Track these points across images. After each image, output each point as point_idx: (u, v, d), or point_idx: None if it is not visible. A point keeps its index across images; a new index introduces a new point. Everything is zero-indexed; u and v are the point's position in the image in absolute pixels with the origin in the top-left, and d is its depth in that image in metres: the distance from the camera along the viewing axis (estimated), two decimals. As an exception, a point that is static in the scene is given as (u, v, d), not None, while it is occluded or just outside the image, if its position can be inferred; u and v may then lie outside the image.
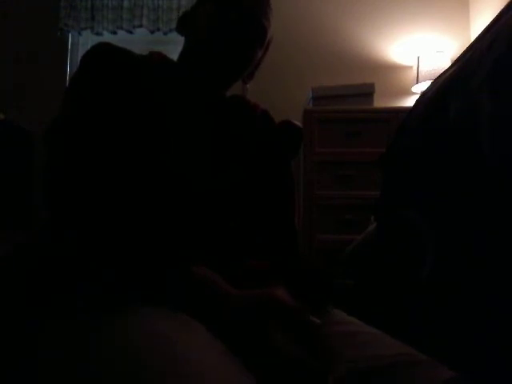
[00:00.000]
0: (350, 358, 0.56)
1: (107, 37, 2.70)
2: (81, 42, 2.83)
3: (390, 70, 2.69)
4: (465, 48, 0.81)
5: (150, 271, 0.55)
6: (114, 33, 2.72)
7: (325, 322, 0.62)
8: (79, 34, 2.77)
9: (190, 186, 0.68)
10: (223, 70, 0.76)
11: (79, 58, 0.73)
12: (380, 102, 2.40)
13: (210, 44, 0.74)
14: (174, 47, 0.83)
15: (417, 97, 0.98)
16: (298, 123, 1.14)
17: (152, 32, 2.69)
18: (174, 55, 0.83)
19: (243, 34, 0.74)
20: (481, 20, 2.56)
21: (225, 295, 0.55)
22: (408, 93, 2.63)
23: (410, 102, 2.60)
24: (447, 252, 0.71)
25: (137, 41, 2.69)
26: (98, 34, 2.71)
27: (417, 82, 2.52)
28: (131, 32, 2.71)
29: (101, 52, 0.71)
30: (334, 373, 0.48)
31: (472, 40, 0.78)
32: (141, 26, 2.68)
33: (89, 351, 0.48)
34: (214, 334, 0.50)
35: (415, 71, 2.55)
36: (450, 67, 0.85)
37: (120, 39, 2.68)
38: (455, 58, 0.86)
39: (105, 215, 0.59)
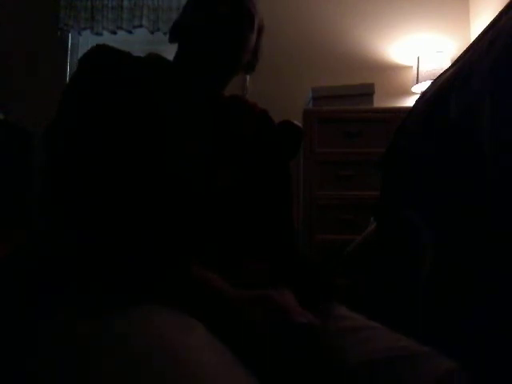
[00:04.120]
0: (352, 353, 0.56)
1: (107, 37, 2.70)
2: (81, 42, 2.82)
3: (389, 70, 2.68)
4: (465, 48, 0.81)
5: (150, 271, 0.55)
6: (114, 33, 2.72)
7: (326, 318, 0.63)
8: (79, 34, 2.76)
9: (190, 186, 0.68)
10: (218, 65, 0.76)
11: (79, 58, 0.73)
12: (380, 102, 2.40)
13: (202, 44, 0.75)
14: (174, 47, 0.83)
15: (417, 97, 0.98)
16: (299, 123, 1.14)
17: (152, 32, 2.68)
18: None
19: (232, 29, 0.75)
20: (481, 20, 2.55)
21: (224, 295, 0.55)
22: (408, 93, 2.63)
23: (410, 102, 2.59)
24: (446, 252, 0.71)
25: (137, 41, 2.69)
26: (97, 34, 2.71)
27: (417, 82, 2.52)
28: (131, 32, 2.70)
29: (99, 54, 0.71)
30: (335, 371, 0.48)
31: (472, 40, 0.78)
32: (141, 26, 2.68)
33: (89, 351, 0.48)
34: (213, 334, 0.50)
35: (415, 71, 2.55)
36: (449, 67, 0.85)
37: (120, 39, 2.68)
38: (455, 58, 0.86)
39: (105, 216, 0.59)
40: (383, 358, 0.55)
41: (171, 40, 0.82)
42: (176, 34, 0.82)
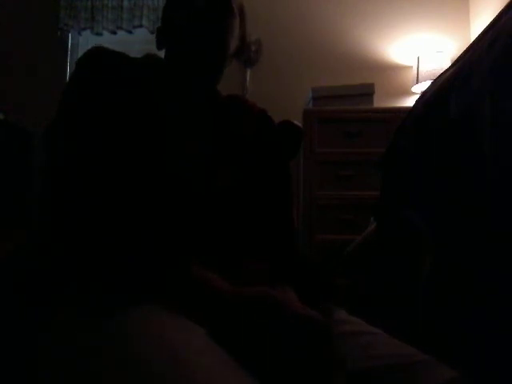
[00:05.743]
0: (352, 358, 0.56)
1: (107, 37, 2.70)
2: (81, 42, 2.83)
3: (389, 70, 2.68)
4: (465, 48, 0.81)
5: (150, 271, 0.55)
6: (114, 33, 2.72)
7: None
8: (79, 34, 2.77)
9: (190, 186, 0.68)
10: (207, 60, 0.76)
11: (77, 60, 0.73)
12: (380, 102, 2.40)
13: (185, 44, 0.75)
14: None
15: (417, 97, 0.98)
16: (299, 123, 1.14)
17: (152, 32, 2.68)
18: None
19: (212, 24, 0.74)
20: (481, 20, 2.55)
21: (224, 295, 0.55)
22: (408, 93, 2.63)
23: (409, 102, 2.59)
24: (446, 252, 0.71)
25: (137, 41, 2.69)
26: (97, 34, 2.71)
27: (417, 82, 2.52)
28: (131, 32, 2.70)
29: (98, 54, 0.72)
30: (335, 375, 0.48)
31: (472, 40, 0.78)
32: (141, 26, 2.68)
33: (89, 351, 0.48)
34: (212, 335, 0.50)
35: (415, 71, 2.55)
36: (449, 67, 0.85)
37: (120, 39, 2.68)
38: (455, 58, 0.86)
39: (105, 216, 0.59)
40: (383, 365, 0.54)
41: (159, 47, 0.81)
42: (161, 39, 0.81)
